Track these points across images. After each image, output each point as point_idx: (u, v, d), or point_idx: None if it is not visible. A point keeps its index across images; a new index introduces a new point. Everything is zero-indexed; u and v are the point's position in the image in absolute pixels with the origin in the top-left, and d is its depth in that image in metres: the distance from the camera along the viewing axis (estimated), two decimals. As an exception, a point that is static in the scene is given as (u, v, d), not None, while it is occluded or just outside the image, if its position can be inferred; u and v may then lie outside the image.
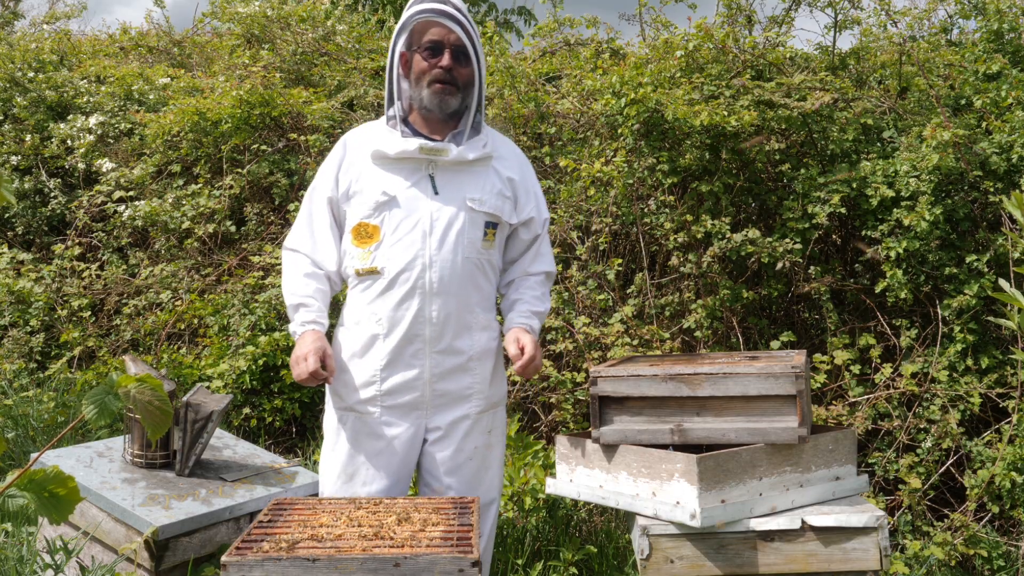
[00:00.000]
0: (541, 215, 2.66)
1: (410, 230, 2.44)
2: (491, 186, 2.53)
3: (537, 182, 2.69)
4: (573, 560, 3.30)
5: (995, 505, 3.68)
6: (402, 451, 2.52)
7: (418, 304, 2.44)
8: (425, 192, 2.47)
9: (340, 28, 6.67)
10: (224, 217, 5.29)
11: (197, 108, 5.48)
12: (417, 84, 2.50)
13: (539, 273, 2.67)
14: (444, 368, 2.49)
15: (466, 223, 2.47)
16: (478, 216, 2.49)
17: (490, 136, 2.60)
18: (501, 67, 5.01)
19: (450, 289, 2.45)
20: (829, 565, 2.35)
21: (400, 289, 2.45)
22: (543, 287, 2.68)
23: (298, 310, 2.50)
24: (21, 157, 6.15)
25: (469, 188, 2.49)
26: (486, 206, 2.50)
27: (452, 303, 2.46)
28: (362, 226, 2.48)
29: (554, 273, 2.72)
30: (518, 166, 2.63)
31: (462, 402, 2.53)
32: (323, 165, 2.59)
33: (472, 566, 1.88)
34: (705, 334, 4.17)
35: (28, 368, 4.91)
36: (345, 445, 2.53)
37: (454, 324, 2.48)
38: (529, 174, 2.66)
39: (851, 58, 4.89)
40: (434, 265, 2.44)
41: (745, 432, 2.44)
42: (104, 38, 8.00)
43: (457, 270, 2.46)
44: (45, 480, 1.44)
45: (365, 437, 2.51)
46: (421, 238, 2.44)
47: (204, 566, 2.75)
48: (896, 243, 3.94)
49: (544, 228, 2.68)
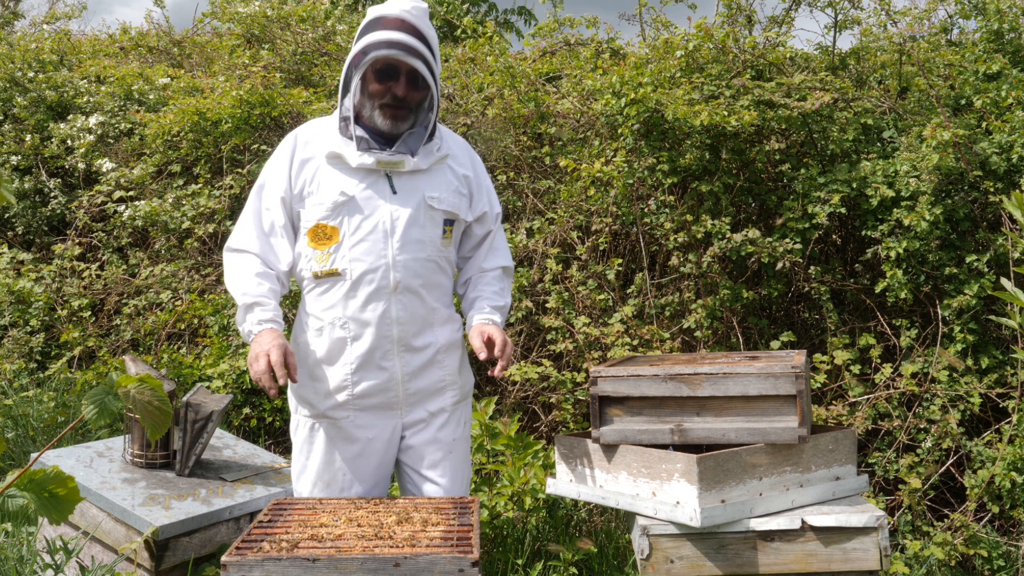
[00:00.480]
0: (493, 209, 2.66)
1: (371, 231, 2.41)
2: (447, 184, 2.53)
3: (488, 177, 2.70)
4: (573, 560, 3.30)
5: (995, 505, 3.68)
6: (379, 453, 2.51)
7: (384, 305, 2.42)
8: (383, 192, 2.43)
9: (340, 28, 6.67)
10: (224, 217, 5.29)
11: (197, 108, 5.48)
12: (370, 100, 2.42)
13: (495, 268, 2.65)
14: (414, 366, 2.48)
15: (426, 222, 2.46)
16: (437, 214, 2.48)
17: (442, 137, 2.58)
18: (501, 67, 5.00)
19: (413, 288, 2.44)
20: (829, 565, 2.35)
21: (364, 290, 2.42)
22: (501, 282, 2.65)
23: (252, 310, 2.39)
24: (21, 157, 6.15)
25: (427, 187, 2.48)
26: (444, 204, 2.50)
27: (416, 302, 2.46)
28: (320, 227, 2.43)
29: (511, 268, 2.70)
30: (470, 163, 2.63)
31: (436, 396, 2.53)
32: (272, 162, 2.51)
33: (472, 566, 1.88)
34: (705, 334, 4.17)
35: (28, 368, 4.91)
36: (320, 453, 2.49)
37: (419, 322, 2.47)
38: (481, 170, 2.67)
39: (851, 58, 4.89)
40: (397, 265, 2.42)
41: (745, 432, 2.44)
42: (104, 38, 8.00)
43: (419, 269, 2.45)
44: (45, 480, 1.44)
45: (340, 442, 2.48)
46: (383, 238, 2.41)
47: (204, 566, 2.75)
48: (896, 243, 3.94)
49: (496, 223, 2.67)
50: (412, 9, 2.44)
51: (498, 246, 2.68)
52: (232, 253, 2.49)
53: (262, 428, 4.46)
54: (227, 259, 2.50)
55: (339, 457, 2.48)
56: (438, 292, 2.52)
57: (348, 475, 2.49)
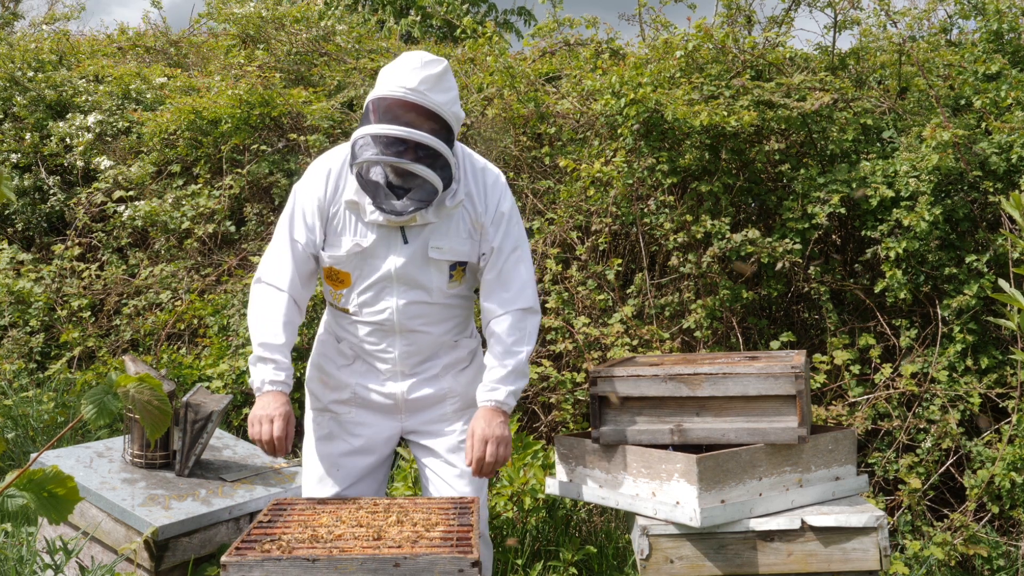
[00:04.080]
0: (505, 243, 2.48)
1: (378, 278, 2.45)
2: (456, 231, 2.45)
3: (508, 203, 2.52)
4: (573, 560, 3.30)
5: (995, 505, 3.68)
6: (379, 448, 2.57)
7: (388, 340, 2.50)
8: (394, 242, 2.43)
9: (340, 28, 6.67)
10: (224, 217, 5.29)
11: (193, 107, 5.49)
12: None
13: (505, 313, 2.46)
14: (418, 381, 2.54)
15: (431, 270, 2.46)
16: (442, 263, 2.47)
17: (462, 176, 2.46)
18: (501, 67, 5.00)
19: (418, 328, 2.49)
20: (829, 565, 2.35)
21: (371, 328, 2.50)
22: (514, 333, 2.45)
23: (267, 364, 2.38)
24: (21, 155, 6.16)
25: (433, 236, 2.44)
26: (447, 254, 2.45)
27: (422, 338, 2.51)
28: (334, 271, 2.49)
29: (531, 307, 2.49)
30: (486, 197, 2.49)
31: (437, 405, 2.57)
32: (301, 194, 2.49)
33: (472, 566, 1.88)
34: (705, 334, 4.17)
35: (28, 368, 4.91)
36: (323, 444, 2.56)
37: (425, 353, 2.53)
38: (495, 203, 2.49)
39: (851, 58, 4.89)
40: (401, 311, 2.46)
41: (745, 432, 2.44)
42: (102, 38, 7.99)
43: (424, 312, 2.49)
44: (44, 480, 1.44)
45: (342, 435, 2.56)
46: (389, 285, 2.45)
47: (204, 566, 2.75)
48: (896, 243, 3.94)
49: (510, 257, 2.49)
50: (419, 84, 2.32)
51: (512, 282, 2.48)
52: (263, 286, 2.48)
53: (262, 428, 4.46)
54: (256, 292, 2.48)
55: (339, 450, 2.54)
56: (446, 326, 2.55)
57: (345, 469, 2.54)
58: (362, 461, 2.55)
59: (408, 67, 2.35)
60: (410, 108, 2.32)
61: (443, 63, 2.38)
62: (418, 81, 2.32)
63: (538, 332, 2.55)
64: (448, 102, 2.37)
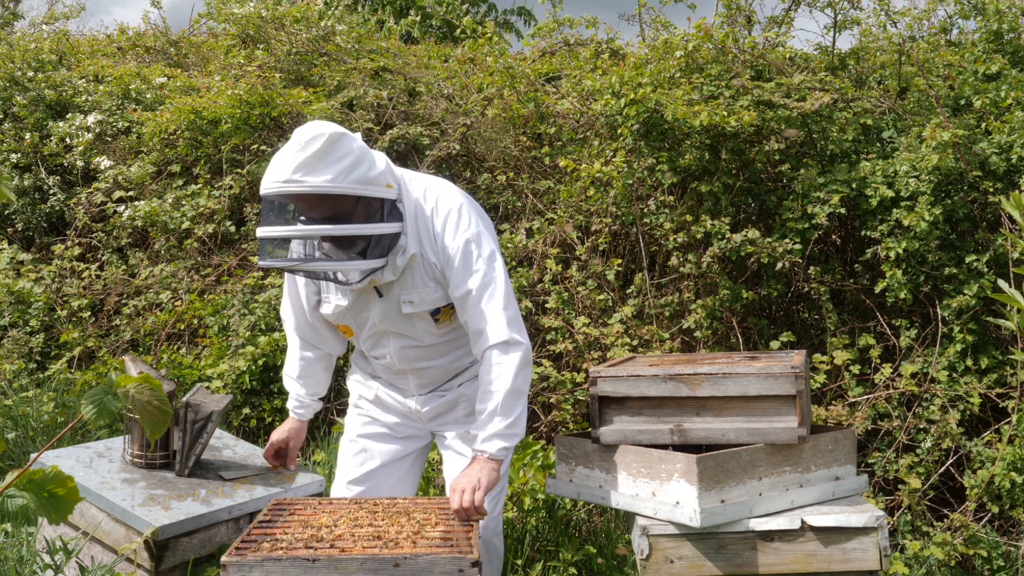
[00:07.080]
0: (471, 280, 2.37)
1: (371, 332, 2.58)
2: (420, 282, 2.43)
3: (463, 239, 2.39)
4: (573, 560, 3.30)
5: (995, 505, 3.68)
6: (403, 434, 2.74)
7: (400, 378, 2.68)
8: (371, 297, 2.51)
9: (340, 28, 6.66)
10: (224, 217, 5.28)
11: (193, 107, 5.48)
12: None
13: (483, 354, 2.40)
14: (433, 396, 2.69)
15: (412, 320, 2.51)
16: (421, 313, 2.49)
17: (410, 223, 2.37)
18: (501, 67, 5.00)
19: (422, 366, 2.61)
20: (829, 565, 2.35)
21: (382, 366, 2.68)
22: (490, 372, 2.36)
23: (291, 396, 2.80)
24: (21, 155, 6.16)
25: (402, 290, 2.45)
26: (419, 306, 2.46)
27: (431, 372, 2.63)
28: (335, 324, 2.68)
29: (506, 341, 2.36)
30: (437, 244, 2.40)
31: (451, 410, 2.70)
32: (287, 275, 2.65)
33: (472, 566, 1.88)
34: (705, 334, 4.17)
35: (28, 368, 4.91)
36: (350, 430, 2.80)
37: (440, 380, 2.67)
38: (447, 244, 2.38)
39: (851, 58, 4.89)
40: (398, 354, 2.58)
41: (745, 432, 2.44)
42: (102, 38, 7.99)
43: (421, 354, 2.59)
44: (44, 480, 1.44)
45: (366, 423, 2.76)
46: (382, 335, 2.57)
47: (204, 566, 2.75)
48: (896, 243, 3.94)
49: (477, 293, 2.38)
50: (294, 172, 2.16)
51: (482, 322, 2.38)
52: (291, 334, 2.77)
53: (262, 428, 4.46)
54: (288, 336, 2.80)
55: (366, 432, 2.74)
56: (451, 357, 2.63)
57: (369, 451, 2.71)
58: (388, 447, 2.71)
59: (284, 155, 2.21)
60: (295, 199, 2.22)
61: (324, 135, 2.18)
62: (292, 169, 2.16)
63: (525, 359, 2.39)
64: (340, 174, 2.18)
